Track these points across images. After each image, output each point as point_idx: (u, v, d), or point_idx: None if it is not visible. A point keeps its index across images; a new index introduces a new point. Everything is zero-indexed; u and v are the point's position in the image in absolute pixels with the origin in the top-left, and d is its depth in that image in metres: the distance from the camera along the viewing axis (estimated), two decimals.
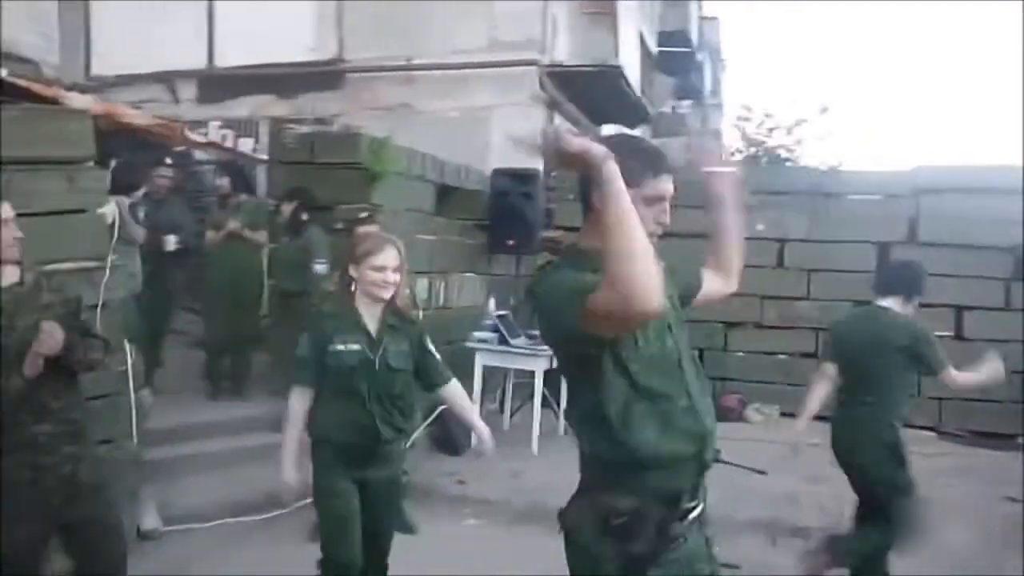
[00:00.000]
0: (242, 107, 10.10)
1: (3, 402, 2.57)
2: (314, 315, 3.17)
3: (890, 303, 3.96)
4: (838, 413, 4.07)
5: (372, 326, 3.01)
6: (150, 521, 4.47)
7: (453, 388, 3.24)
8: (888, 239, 7.87)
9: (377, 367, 2.97)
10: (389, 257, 2.97)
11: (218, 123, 9.58)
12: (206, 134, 8.67)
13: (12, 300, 2.67)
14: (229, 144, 8.73)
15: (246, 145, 9.15)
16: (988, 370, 3.71)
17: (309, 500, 4.63)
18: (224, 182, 6.37)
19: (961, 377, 3.76)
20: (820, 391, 4.08)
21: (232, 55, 10.15)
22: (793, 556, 4.50)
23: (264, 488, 5.07)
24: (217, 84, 10.26)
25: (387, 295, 2.99)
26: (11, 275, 2.72)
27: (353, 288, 3.02)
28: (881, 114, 43.75)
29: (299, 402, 3.03)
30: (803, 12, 48.03)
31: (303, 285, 5.51)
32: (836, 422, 4.08)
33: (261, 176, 8.97)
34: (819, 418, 7.53)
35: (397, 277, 3.00)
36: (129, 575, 3.07)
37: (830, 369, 4.09)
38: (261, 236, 6.28)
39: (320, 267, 5.56)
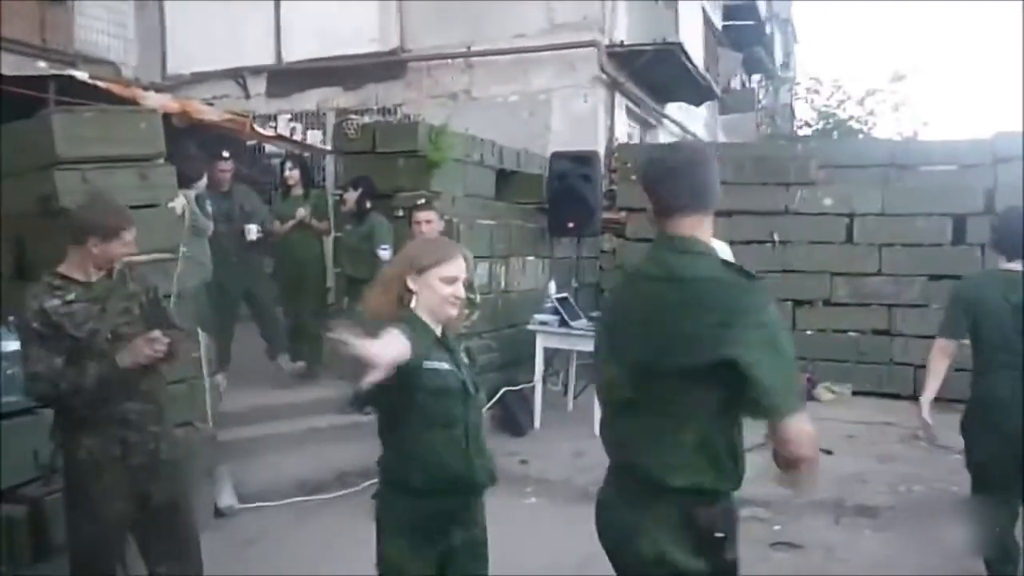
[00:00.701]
0: (309, 100, 10.36)
1: (97, 382, 2.73)
2: (408, 322, 2.26)
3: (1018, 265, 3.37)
4: (984, 387, 3.47)
5: (447, 343, 2.39)
6: (226, 499, 4.68)
7: None
8: (964, 211, 7.59)
9: (466, 389, 2.34)
10: (460, 267, 2.36)
11: (287, 116, 9.86)
12: (275, 127, 8.92)
13: (104, 290, 2.87)
14: (297, 136, 8.97)
15: (315, 137, 9.39)
16: None
17: (374, 480, 4.87)
18: (294, 174, 6.55)
19: None
20: (942, 369, 3.53)
21: (299, 49, 10.40)
22: (856, 534, 4.45)
23: (334, 467, 5.29)
24: (285, 78, 10.55)
25: (456, 312, 2.36)
26: (97, 272, 2.89)
27: (409, 302, 2.33)
28: (960, 81, 41.68)
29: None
30: None
31: (369, 271, 5.65)
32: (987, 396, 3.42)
33: (329, 167, 9.25)
34: (891, 396, 7.42)
35: (463, 293, 2.40)
36: (206, 550, 3.21)
37: (950, 346, 3.53)
38: (324, 225, 6.47)
39: (384, 252, 5.67)
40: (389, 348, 1.98)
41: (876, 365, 7.70)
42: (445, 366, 2.29)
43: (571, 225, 7.16)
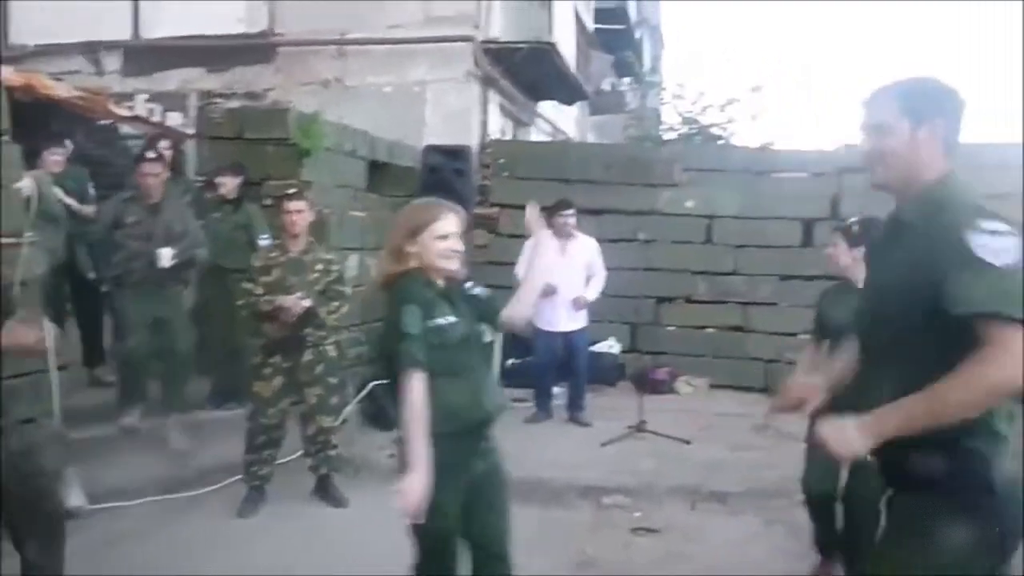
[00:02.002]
0: (170, 80, 9.83)
1: None
2: (409, 285, 2.56)
3: None
4: None
5: (451, 296, 2.62)
6: (75, 499, 4.40)
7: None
8: (812, 216, 8.13)
9: (475, 339, 2.64)
10: (452, 222, 2.59)
11: (145, 96, 9.32)
12: (132, 107, 8.42)
13: None
14: (156, 118, 8.50)
15: (175, 119, 8.93)
16: None
17: (237, 477, 4.72)
18: (166, 154, 6.17)
19: None
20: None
21: (159, 26, 9.84)
22: (709, 518, 4.70)
23: (194, 464, 5.09)
24: (143, 56, 9.96)
25: (456, 266, 2.60)
26: None
27: (412, 264, 2.56)
28: (810, 94, 44.67)
29: (419, 391, 2.43)
30: None
31: (243, 261, 5.47)
32: None
33: (191, 151, 8.82)
34: (744, 389, 7.86)
35: (462, 246, 2.63)
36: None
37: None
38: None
39: (265, 241, 5.52)
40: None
41: (731, 360, 8.14)
42: (450, 319, 2.53)
43: None
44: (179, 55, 9.81)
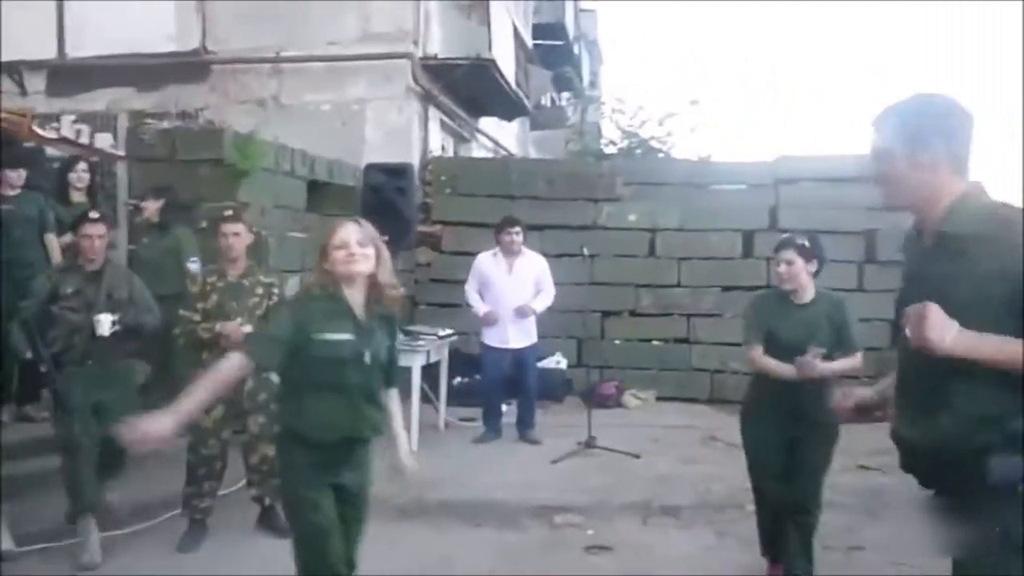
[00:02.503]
0: (98, 100, 9.51)
1: None
2: (301, 297, 2.89)
3: None
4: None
5: (360, 315, 2.79)
6: (4, 542, 4.18)
7: (394, 395, 3.03)
8: (751, 227, 8.27)
9: (366, 360, 2.77)
10: (348, 231, 2.77)
11: (72, 117, 9.00)
12: (58, 128, 8.13)
13: None
14: (84, 140, 8.22)
15: (104, 140, 8.64)
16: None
17: (177, 511, 4.54)
18: (83, 176, 5.95)
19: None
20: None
21: (86, 44, 9.55)
22: (662, 533, 4.69)
23: (131, 499, 4.87)
24: (70, 76, 9.64)
25: (357, 268, 2.74)
26: None
27: (328, 279, 2.78)
28: (747, 107, 45.88)
29: (236, 369, 2.67)
30: (677, 6, 49.70)
31: (174, 287, 5.28)
32: None
33: (121, 174, 8.54)
34: (690, 400, 7.92)
35: (366, 251, 2.76)
36: None
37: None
38: None
39: (194, 266, 5.37)
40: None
41: (677, 372, 8.20)
42: (344, 336, 2.72)
43: (386, 238, 6.97)
44: (107, 74, 9.52)
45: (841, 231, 7.96)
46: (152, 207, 5.57)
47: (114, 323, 4.28)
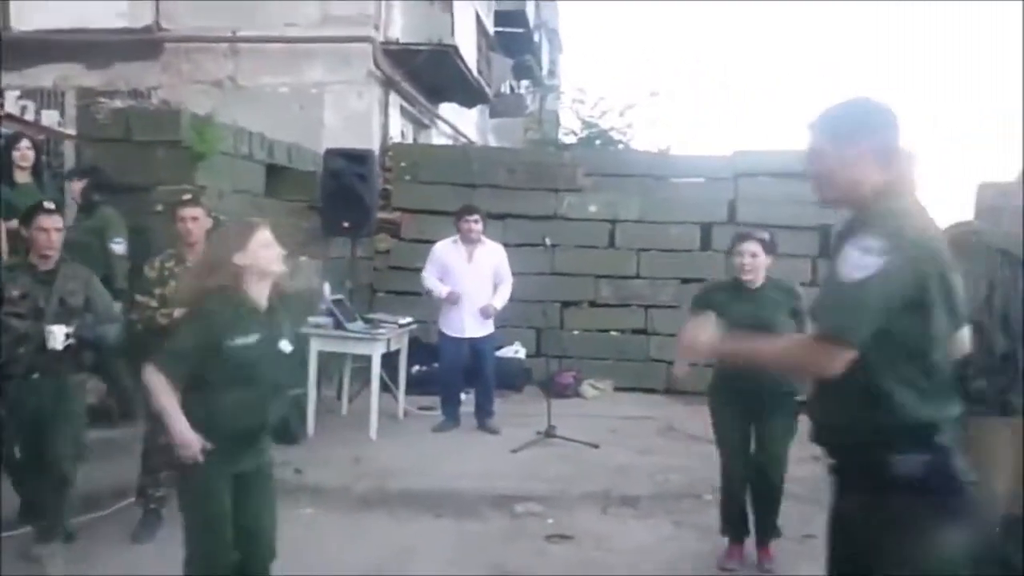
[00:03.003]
0: (44, 76, 9.22)
1: None
2: (202, 308, 2.91)
3: None
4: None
5: (263, 308, 2.94)
6: None
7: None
8: (710, 220, 8.35)
9: (276, 354, 2.94)
10: (269, 233, 2.96)
11: (16, 93, 8.70)
12: (2, 105, 7.85)
13: None
14: (29, 116, 7.95)
15: (51, 118, 8.37)
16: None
17: (128, 501, 4.45)
18: (27, 154, 5.68)
19: None
20: None
21: (32, 17, 9.23)
22: (620, 523, 4.74)
23: (81, 487, 4.74)
24: (15, 49, 9.25)
25: (277, 268, 2.94)
26: None
27: (240, 278, 2.88)
28: (705, 101, 46.39)
29: (162, 382, 2.83)
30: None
31: (100, 268, 5.16)
32: None
33: (68, 152, 8.29)
34: (648, 391, 8.00)
35: (281, 251, 2.99)
36: None
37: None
38: None
39: (118, 247, 5.26)
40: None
41: (634, 362, 8.27)
42: (252, 338, 2.83)
43: (346, 225, 6.97)
44: (54, 49, 9.19)
45: (797, 226, 8.09)
46: (76, 186, 5.40)
47: (68, 335, 3.77)
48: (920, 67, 45.21)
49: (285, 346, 2.96)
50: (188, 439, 2.79)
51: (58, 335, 3.74)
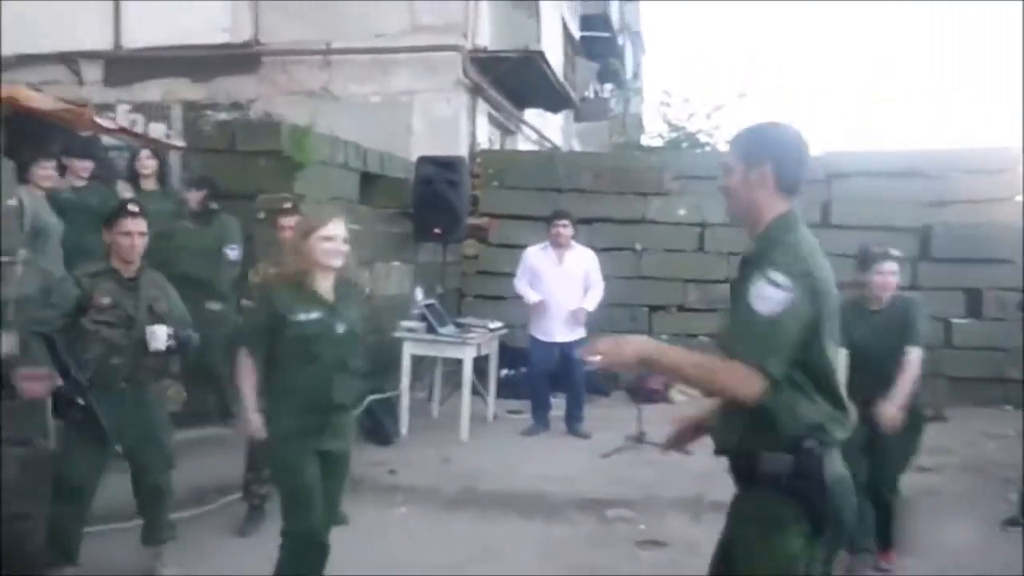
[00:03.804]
0: (152, 90, 9.71)
1: None
2: (265, 287, 3.25)
3: None
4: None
5: (328, 295, 3.13)
6: None
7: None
8: (805, 223, 8.14)
9: (336, 333, 3.09)
10: (338, 228, 3.11)
11: (127, 107, 9.19)
12: (114, 118, 8.30)
13: None
14: (139, 129, 8.38)
15: (158, 130, 8.81)
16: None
17: (236, 496, 4.64)
18: (149, 163, 6.02)
19: None
20: None
21: (141, 35, 9.74)
22: (716, 529, 4.66)
23: (190, 483, 4.97)
24: (125, 66, 9.84)
25: (338, 263, 3.11)
26: None
27: (305, 261, 3.10)
28: (795, 101, 45.34)
29: (249, 364, 3.14)
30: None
31: (213, 272, 5.41)
32: None
33: (175, 162, 8.69)
34: None
35: (347, 247, 3.13)
36: None
37: None
38: None
39: (232, 252, 5.49)
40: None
41: None
42: (314, 315, 3.05)
43: (437, 231, 7.10)
44: (161, 65, 9.70)
45: (895, 227, 7.83)
46: (194, 197, 5.66)
47: (170, 336, 3.66)
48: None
49: (340, 327, 3.09)
50: (251, 418, 3.12)
51: (161, 336, 3.64)
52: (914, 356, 3.92)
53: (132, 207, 3.68)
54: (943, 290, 7.72)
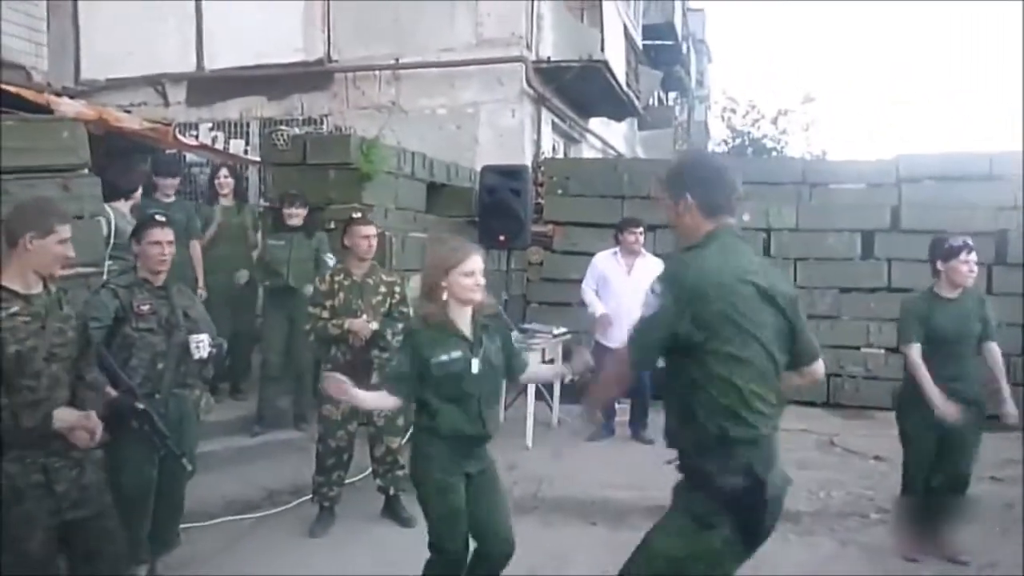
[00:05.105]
0: (231, 109, 10.15)
1: (8, 407, 2.64)
2: (411, 333, 3.27)
3: None
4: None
5: (467, 330, 3.17)
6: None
7: (531, 369, 3.61)
8: (871, 227, 8.00)
9: (477, 370, 3.13)
10: (477, 263, 3.14)
11: (208, 125, 9.63)
12: (196, 136, 8.71)
13: (43, 306, 2.77)
14: (219, 146, 8.78)
15: (237, 147, 9.20)
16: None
17: (307, 497, 4.81)
18: (227, 181, 6.37)
19: None
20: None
21: (221, 57, 10.19)
22: (781, 541, 4.62)
23: (262, 485, 5.18)
24: (206, 86, 10.30)
25: (479, 298, 3.16)
26: (36, 284, 2.78)
27: (444, 296, 3.14)
28: (863, 105, 44.22)
29: (389, 401, 3.24)
30: (786, 3, 48.25)
31: (310, 282, 5.63)
32: None
33: (253, 177, 9.06)
34: (806, 404, 7.74)
35: (484, 280, 3.17)
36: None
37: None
38: (253, 239, 6.36)
39: (331, 261, 5.70)
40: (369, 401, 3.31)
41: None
42: (455, 355, 3.08)
43: (502, 238, 7.22)
44: (240, 84, 10.12)
45: (968, 231, 7.59)
46: (299, 213, 5.86)
47: (211, 344, 3.69)
48: None
49: (475, 366, 3.12)
50: (350, 393, 3.13)
51: (204, 343, 3.65)
52: (997, 350, 4.17)
53: (159, 217, 3.70)
54: (1019, 295, 7.46)
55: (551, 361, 6.75)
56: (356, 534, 4.59)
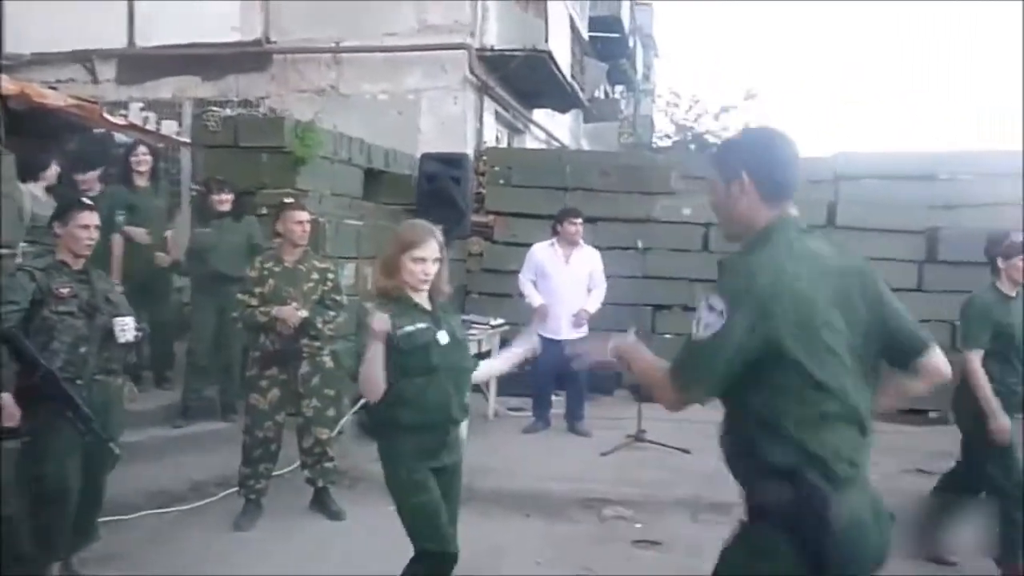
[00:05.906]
0: (164, 88, 9.81)
1: None
2: (367, 311, 3.01)
3: None
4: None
5: (427, 305, 3.04)
6: None
7: (482, 368, 3.49)
8: (807, 223, 8.09)
9: (445, 341, 2.98)
10: (428, 250, 2.99)
11: (140, 104, 9.27)
12: (126, 115, 8.38)
13: None
14: (151, 126, 8.46)
15: (170, 127, 8.88)
16: None
17: (233, 490, 4.66)
18: (144, 159, 6.06)
19: None
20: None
21: (154, 34, 9.83)
22: (713, 530, 4.64)
23: (188, 477, 5.02)
24: (138, 64, 9.93)
25: (424, 286, 3.01)
26: None
27: (402, 275, 3.00)
28: (813, 104, 45.19)
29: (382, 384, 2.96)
30: (738, 2, 49.03)
31: (243, 268, 5.46)
32: None
33: (184, 159, 8.77)
34: None
35: (436, 267, 3.02)
36: None
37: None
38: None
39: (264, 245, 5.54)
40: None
41: None
42: (421, 325, 2.93)
43: (441, 227, 7.09)
44: (174, 63, 9.79)
45: (903, 230, 7.78)
46: (227, 199, 5.72)
47: (137, 328, 3.60)
48: None
49: (443, 337, 2.97)
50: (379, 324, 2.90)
51: (130, 327, 3.56)
52: None
53: (86, 200, 3.65)
54: (950, 292, 7.64)
55: (487, 353, 6.68)
56: (283, 528, 4.47)
